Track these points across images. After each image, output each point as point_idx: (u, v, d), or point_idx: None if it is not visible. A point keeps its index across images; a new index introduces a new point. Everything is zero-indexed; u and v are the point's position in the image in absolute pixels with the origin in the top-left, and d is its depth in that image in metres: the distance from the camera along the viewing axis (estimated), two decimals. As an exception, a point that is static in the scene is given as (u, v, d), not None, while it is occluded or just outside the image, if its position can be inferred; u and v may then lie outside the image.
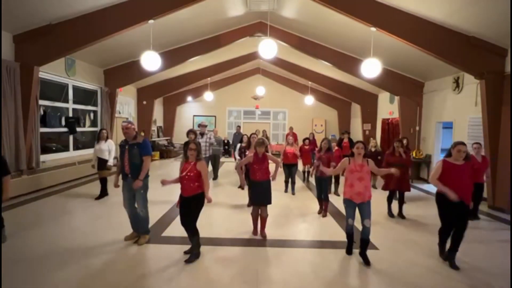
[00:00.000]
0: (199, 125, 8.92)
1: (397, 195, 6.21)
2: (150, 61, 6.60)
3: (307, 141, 9.31)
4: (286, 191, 8.02)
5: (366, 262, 3.98)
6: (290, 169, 7.87)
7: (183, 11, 7.00)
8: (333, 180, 7.34)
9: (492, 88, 6.67)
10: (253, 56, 13.05)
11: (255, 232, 4.93)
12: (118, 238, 4.64)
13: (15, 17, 6.14)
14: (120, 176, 4.53)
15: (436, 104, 9.51)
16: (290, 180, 7.94)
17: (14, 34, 6.71)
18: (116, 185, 4.68)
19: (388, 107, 12.49)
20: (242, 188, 7.09)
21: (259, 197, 4.76)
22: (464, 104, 8.17)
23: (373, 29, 6.67)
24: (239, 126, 14.17)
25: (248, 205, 6.45)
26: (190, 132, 7.93)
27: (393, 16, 6.44)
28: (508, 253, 4.40)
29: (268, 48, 6.66)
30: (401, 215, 6.06)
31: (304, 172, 9.65)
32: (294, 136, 12.18)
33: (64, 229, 5.06)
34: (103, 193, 7.06)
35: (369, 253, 4.39)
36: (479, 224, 5.77)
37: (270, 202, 4.81)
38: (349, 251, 4.28)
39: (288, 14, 8.67)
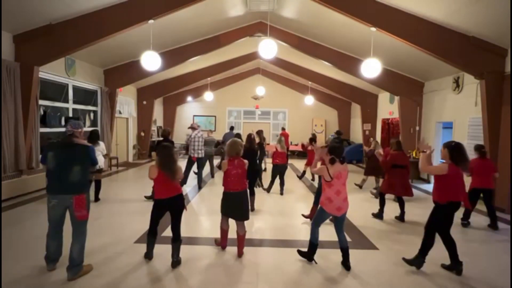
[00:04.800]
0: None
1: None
2: (150, 61, 6.58)
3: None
4: (269, 191, 7.96)
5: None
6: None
7: (183, 11, 6.98)
8: None
9: (492, 88, 6.66)
10: (253, 56, 13.02)
11: (223, 245, 4.32)
12: (118, 238, 4.64)
13: (15, 17, 6.12)
14: None
15: (436, 104, 9.49)
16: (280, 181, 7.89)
17: (14, 34, 6.70)
18: None
19: (388, 107, 12.48)
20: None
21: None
22: (464, 104, 8.14)
23: (373, 29, 6.65)
24: (232, 126, 13.64)
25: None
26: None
27: (393, 16, 6.44)
28: (508, 253, 4.40)
29: (268, 48, 6.63)
30: (402, 218, 5.90)
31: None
32: (286, 136, 12.51)
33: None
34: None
35: (370, 253, 4.43)
36: (479, 225, 5.76)
37: (247, 217, 4.17)
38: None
39: (288, 14, 8.65)
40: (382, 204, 6.01)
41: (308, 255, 4.00)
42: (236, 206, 4.08)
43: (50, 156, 3.42)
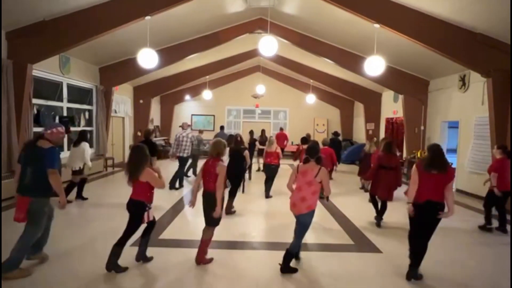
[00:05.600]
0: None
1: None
2: (147, 58, 6.57)
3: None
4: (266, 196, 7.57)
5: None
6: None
7: (181, 7, 6.88)
8: None
9: (499, 87, 6.55)
10: (253, 53, 12.87)
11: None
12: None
13: (8, 13, 5.98)
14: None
15: (441, 103, 9.38)
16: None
17: (7, 31, 6.58)
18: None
19: (392, 106, 12.33)
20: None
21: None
22: (471, 103, 8.04)
23: (377, 25, 6.57)
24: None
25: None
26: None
27: (397, 12, 6.33)
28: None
29: (268, 45, 6.60)
30: (378, 222, 5.68)
31: None
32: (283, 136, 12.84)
33: (58, 230, 4.83)
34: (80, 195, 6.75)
35: (373, 256, 4.39)
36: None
37: (214, 223, 3.88)
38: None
39: (289, 10, 8.55)
40: (375, 206, 5.81)
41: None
42: (204, 208, 3.87)
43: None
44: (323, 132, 16.75)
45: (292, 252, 3.69)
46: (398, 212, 5.95)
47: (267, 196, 7.45)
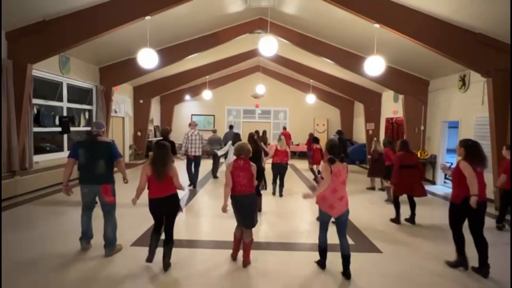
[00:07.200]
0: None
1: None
2: (147, 58, 6.57)
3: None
4: (274, 193, 7.73)
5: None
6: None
7: (181, 7, 6.88)
8: None
9: (499, 87, 6.51)
10: (253, 53, 12.88)
11: (234, 255, 4.01)
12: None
13: (8, 13, 5.97)
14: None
15: (441, 103, 9.35)
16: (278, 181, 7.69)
17: (7, 31, 6.57)
18: None
19: (392, 106, 12.29)
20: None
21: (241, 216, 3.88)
22: (471, 103, 8.00)
23: (377, 25, 6.54)
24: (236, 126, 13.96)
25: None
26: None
27: (397, 12, 6.32)
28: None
29: (268, 45, 6.62)
30: (412, 220, 5.72)
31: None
32: (288, 135, 12.87)
33: (59, 231, 4.90)
34: None
35: (373, 256, 4.38)
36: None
37: (253, 224, 3.90)
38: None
39: (289, 10, 8.53)
40: (397, 207, 5.78)
41: (320, 261, 3.88)
42: (242, 211, 3.80)
43: (81, 152, 4.01)
44: (323, 132, 16.74)
45: (348, 254, 3.65)
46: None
47: (281, 195, 7.60)
